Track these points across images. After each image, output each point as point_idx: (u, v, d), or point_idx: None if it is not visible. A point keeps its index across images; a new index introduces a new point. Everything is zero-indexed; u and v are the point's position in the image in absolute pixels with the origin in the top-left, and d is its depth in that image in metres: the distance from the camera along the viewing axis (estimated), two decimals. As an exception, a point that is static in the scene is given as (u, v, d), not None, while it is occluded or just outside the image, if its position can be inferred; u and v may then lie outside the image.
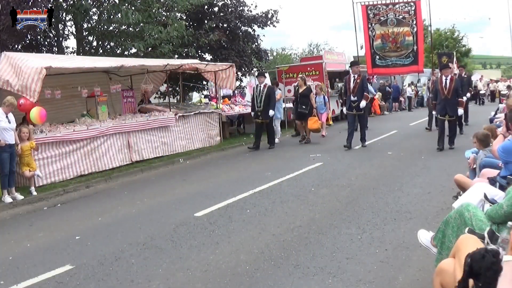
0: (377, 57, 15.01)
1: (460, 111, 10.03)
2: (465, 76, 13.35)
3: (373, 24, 15.34)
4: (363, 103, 10.90)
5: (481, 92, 28.65)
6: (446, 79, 9.89)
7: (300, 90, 12.66)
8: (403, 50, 14.68)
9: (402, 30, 14.67)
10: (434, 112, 10.47)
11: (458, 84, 10.00)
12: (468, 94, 13.34)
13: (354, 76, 10.98)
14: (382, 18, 15.19)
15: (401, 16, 14.94)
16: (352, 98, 10.92)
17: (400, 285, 3.66)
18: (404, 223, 5.15)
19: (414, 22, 14.82)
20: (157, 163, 10.22)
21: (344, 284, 3.71)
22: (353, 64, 11.45)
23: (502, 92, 25.24)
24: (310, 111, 12.35)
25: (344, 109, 11.43)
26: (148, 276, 4.10)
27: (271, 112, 11.62)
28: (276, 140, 12.57)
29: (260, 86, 11.78)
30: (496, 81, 31.82)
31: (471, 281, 2.23)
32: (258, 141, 11.65)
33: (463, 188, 5.01)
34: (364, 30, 15.14)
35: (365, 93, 11.05)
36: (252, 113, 12.10)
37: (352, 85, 10.93)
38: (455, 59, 28.90)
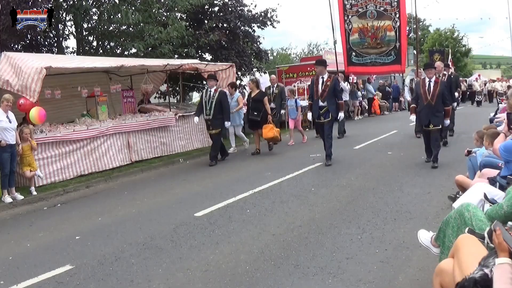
0: (353, 54, 12.95)
1: (447, 121, 8.37)
2: (452, 75, 11.24)
3: (349, 16, 13.21)
4: (341, 115, 9.07)
5: (477, 92, 27.34)
6: (429, 82, 8.11)
7: (252, 95, 11.00)
8: (384, 47, 12.61)
9: (383, 24, 12.56)
10: (412, 117, 8.69)
11: (444, 88, 8.23)
12: (455, 104, 10.99)
13: (322, 78, 8.89)
14: (360, 9, 13.10)
15: (382, 8, 12.86)
16: (320, 103, 8.90)
17: (400, 285, 3.66)
18: (404, 223, 5.15)
19: (397, 16, 12.73)
20: (157, 163, 10.23)
21: (344, 284, 3.71)
22: (318, 63, 9.28)
23: (499, 92, 24.31)
24: (264, 118, 10.68)
25: (309, 115, 9.40)
26: (148, 276, 4.11)
27: (227, 124, 10.04)
28: (232, 150, 11.39)
29: (210, 91, 10.02)
30: (493, 81, 30.57)
31: None
32: (221, 151, 10.29)
33: (463, 188, 5.01)
34: (340, 23, 13.19)
35: (339, 101, 8.95)
36: (196, 119, 10.48)
37: (320, 87, 8.89)
38: (450, 56, 27.75)
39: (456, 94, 11.00)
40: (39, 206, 7.33)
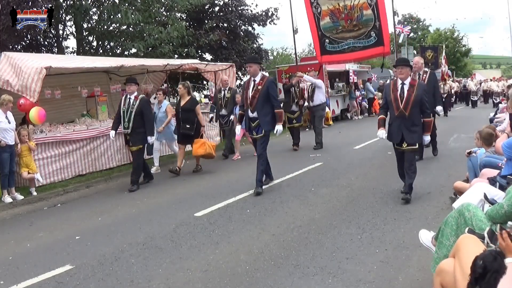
0: (327, 41, 11.00)
1: (427, 138, 6.20)
2: (426, 73, 8.82)
3: None
4: (278, 128, 6.95)
5: (472, 92, 25.83)
6: (402, 85, 5.99)
7: (182, 103, 8.95)
8: (362, 29, 10.63)
9: (357, 2, 10.64)
10: (380, 133, 6.29)
11: (422, 93, 5.99)
12: (440, 107, 8.86)
13: (254, 80, 7.00)
14: None
15: None
16: (250, 114, 7.05)
17: (400, 285, 3.66)
18: (404, 223, 5.15)
19: None
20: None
21: (344, 284, 3.71)
22: (250, 60, 7.58)
23: (495, 92, 23.35)
24: (197, 131, 8.88)
25: (238, 129, 7.82)
26: (148, 276, 4.11)
27: (150, 139, 7.99)
28: (155, 170, 9.29)
29: (129, 98, 8.01)
30: (489, 80, 28.77)
31: None
32: (137, 177, 8.08)
33: (462, 194, 5.01)
34: (306, 7, 11.20)
35: (276, 110, 6.94)
36: (111, 133, 8.20)
37: (250, 93, 6.97)
38: (443, 53, 26.46)
39: (440, 107, 8.91)
40: (39, 206, 7.32)
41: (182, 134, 8.98)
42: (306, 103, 12.25)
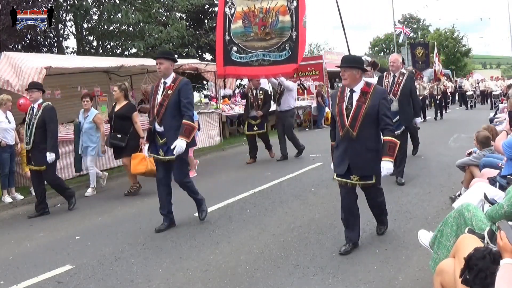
0: (234, 49, 8.72)
1: (387, 165, 4.11)
2: (403, 75, 7.03)
3: None
4: (179, 145, 4.96)
5: (468, 93, 24.39)
6: (351, 93, 4.26)
7: (116, 108, 7.49)
8: (274, 38, 8.51)
9: (275, 4, 8.48)
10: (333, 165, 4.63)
11: (381, 104, 4.19)
12: (419, 119, 7.61)
13: (164, 83, 5.29)
14: None
15: None
16: (157, 127, 5.27)
17: (400, 285, 3.66)
18: (404, 223, 5.15)
19: None
20: (157, 163, 10.20)
21: (344, 284, 3.71)
22: (160, 55, 5.51)
23: (494, 93, 22.67)
24: (133, 144, 7.37)
25: (145, 148, 5.69)
26: (148, 276, 4.11)
27: (49, 156, 6.41)
28: (90, 192, 7.83)
29: (33, 108, 6.60)
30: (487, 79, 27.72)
31: None
32: (40, 200, 6.69)
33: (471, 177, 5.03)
34: (219, 6, 9.16)
35: (184, 121, 5.06)
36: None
37: (158, 99, 5.25)
38: (435, 51, 24.87)
39: (419, 119, 7.63)
40: (39, 206, 7.31)
41: (112, 145, 7.53)
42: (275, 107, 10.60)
